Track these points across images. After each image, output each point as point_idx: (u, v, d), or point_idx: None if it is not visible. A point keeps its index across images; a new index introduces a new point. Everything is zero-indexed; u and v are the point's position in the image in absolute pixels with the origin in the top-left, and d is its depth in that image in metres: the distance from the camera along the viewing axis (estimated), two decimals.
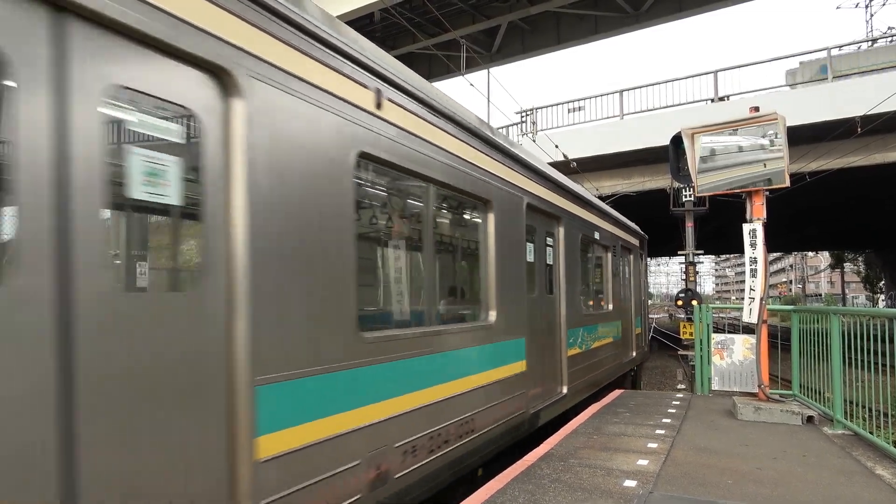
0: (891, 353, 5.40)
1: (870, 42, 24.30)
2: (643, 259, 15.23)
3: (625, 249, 11.99)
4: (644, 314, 15.27)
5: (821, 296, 76.20)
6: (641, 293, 14.82)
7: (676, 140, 7.80)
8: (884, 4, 34.66)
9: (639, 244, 13.88)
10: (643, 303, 15.28)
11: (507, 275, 5.66)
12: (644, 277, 15.69)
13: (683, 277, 20.81)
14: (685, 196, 19.02)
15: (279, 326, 2.88)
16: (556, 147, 17.53)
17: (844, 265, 56.23)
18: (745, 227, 7.22)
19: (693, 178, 7.48)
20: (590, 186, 19.21)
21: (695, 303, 15.49)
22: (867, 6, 34.10)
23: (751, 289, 7.15)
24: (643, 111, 20.79)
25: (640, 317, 14.26)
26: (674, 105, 20.15)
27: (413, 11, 20.64)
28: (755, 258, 7.14)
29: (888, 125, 15.40)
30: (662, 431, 6.42)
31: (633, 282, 13.15)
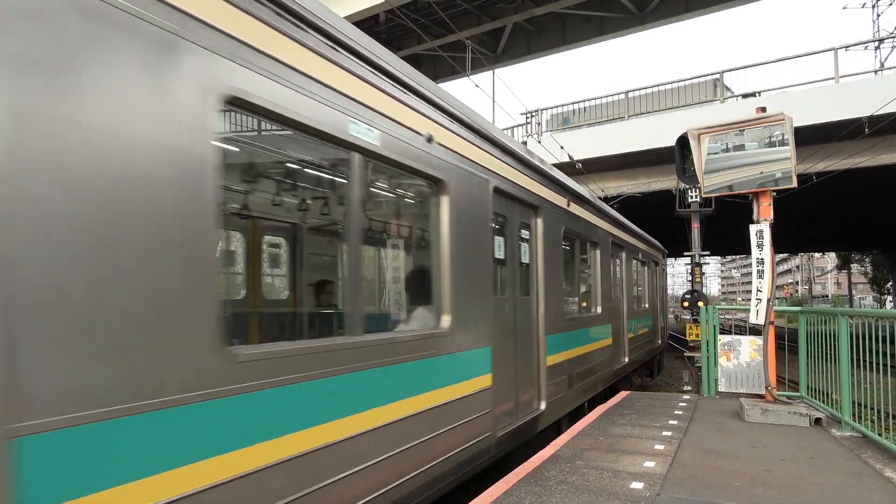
0: None
1: (877, 42, 24.19)
2: (664, 269, 20.80)
3: (653, 263, 15.85)
4: (665, 313, 21.26)
5: (827, 297, 75.88)
6: (665, 296, 21.36)
7: (682, 141, 7.79)
8: (891, 4, 34.42)
9: (662, 256, 18.46)
10: (665, 303, 21.69)
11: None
12: (665, 284, 21.80)
13: (689, 278, 20.75)
14: (691, 197, 18.94)
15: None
16: (562, 148, 17.52)
17: (851, 266, 55.97)
18: (752, 228, 7.19)
19: (699, 179, 7.47)
20: (595, 187, 19.16)
21: (701, 304, 15.43)
22: (874, 6, 33.90)
23: (758, 290, 7.12)
24: (649, 112, 20.78)
25: (664, 314, 19.76)
26: (680, 106, 20.14)
27: (418, 13, 20.67)
28: (762, 259, 7.11)
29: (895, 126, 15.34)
30: (669, 433, 6.40)
31: (659, 287, 18.07)
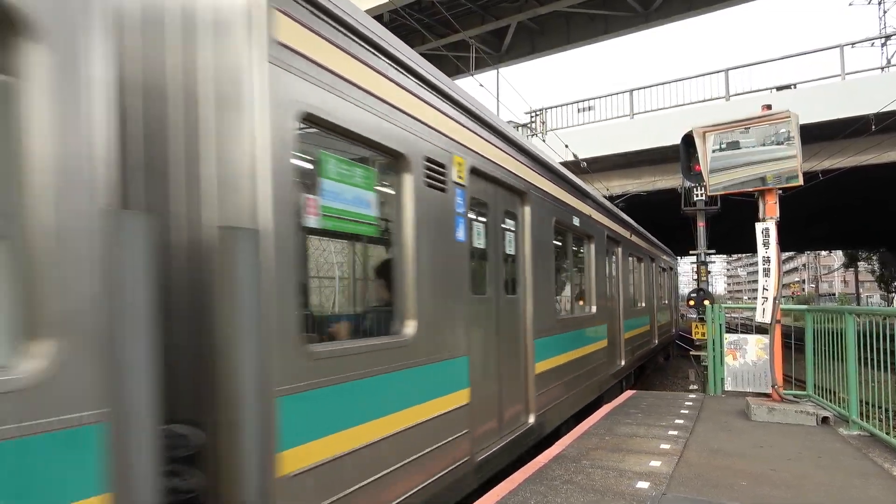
0: None
1: (883, 39, 24.05)
2: (676, 274, 27.92)
3: (669, 268, 20.08)
4: (677, 309, 26.69)
5: (834, 295, 75.54)
6: (675, 297, 25.79)
7: (688, 139, 7.76)
8: None
9: (674, 262, 23.19)
10: (677, 302, 26.80)
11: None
12: (676, 286, 27.92)
13: (695, 277, 20.71)
14: (697, 195, 18.91)
15: None
16: (567, 147, 17.51)
17: (858, 264, 55.67)
18: (758, 226, 7.16)
19: (705, 178, 7.44)
20: (600, 186, 19.17)
21: (707, 303, 15.40)
22: (880, 3, 33.72)
23: (764, 288, 7.09)
24: (653, 110, 20.73)
25: (675, 310, 24.39)
26: (685, 104, 20.09)
27: (422, 12, 20.66)
28: (768, 257, 7.08)
29: None
30: (675, 432, 6.38)
31: (672, 289, 22.78)
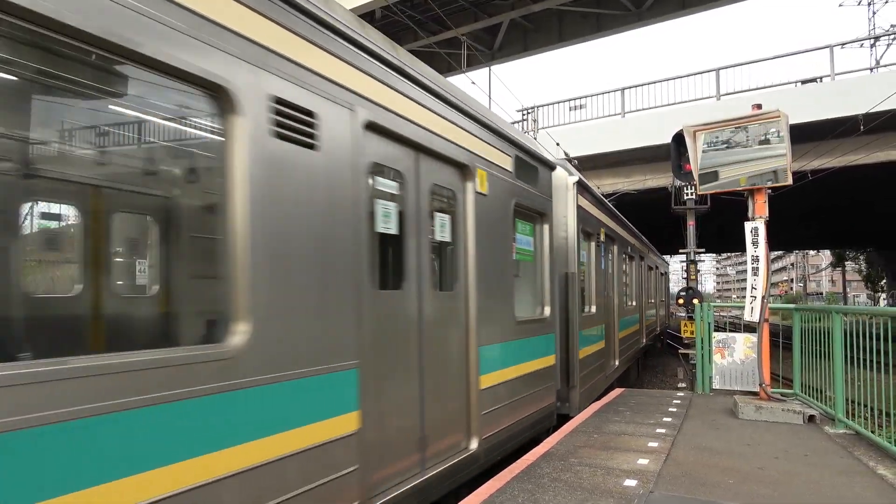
0: (893, 352, 5.38)
1: (872, 40, 24.22)
2: (667, 276, 31.82)
3: (662, 272, 24.50)
4: (668, 305, 30.03)
5: (822, 294, 76.18)
6: (667, 296, 30.64)
7: (678, 138, 7.77)
8: (886, 2, 34.51)
9: (666, 265, 25.57)
10: (668, 299, 30.68)
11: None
12: (667, 287, 32.17)
13: (684, 276, 20.81)
14: (687, 194, 18.99)
15: None
16: (558, 145, 17.50)
17: (846, 264, 56.17)
18: (747, 226, 7.18)
19: (695, 177, 7.46)
20: (591, 184, 19.17)
21: (696, 301, 15.47)
22: (870, 4, 33.96)
23: (752, 287, 7.12)
24: (645, 109, 20.78)
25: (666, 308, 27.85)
26: (676, 103, 20.15)
27: (414, 9, 20.57)
28: (757, 256, 7.11)
29: (891, 123, 15.36)
30: (663, 430, 6.40)
31: (664, 288, 28.10)
